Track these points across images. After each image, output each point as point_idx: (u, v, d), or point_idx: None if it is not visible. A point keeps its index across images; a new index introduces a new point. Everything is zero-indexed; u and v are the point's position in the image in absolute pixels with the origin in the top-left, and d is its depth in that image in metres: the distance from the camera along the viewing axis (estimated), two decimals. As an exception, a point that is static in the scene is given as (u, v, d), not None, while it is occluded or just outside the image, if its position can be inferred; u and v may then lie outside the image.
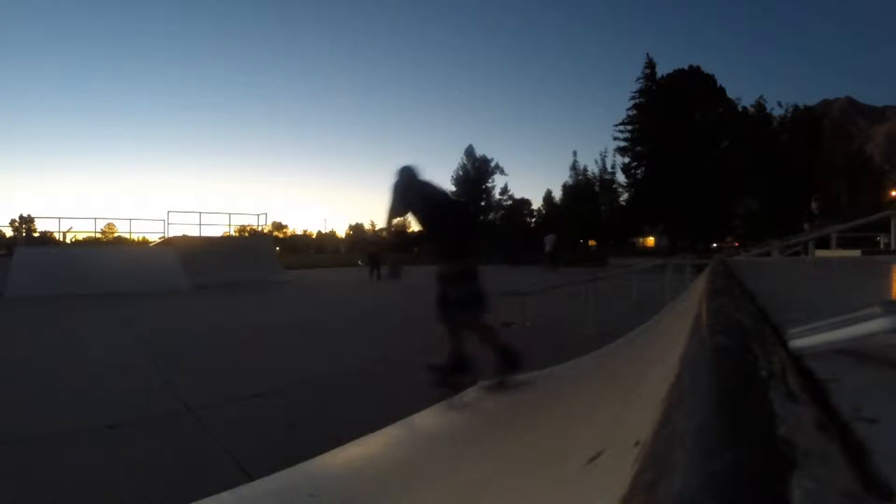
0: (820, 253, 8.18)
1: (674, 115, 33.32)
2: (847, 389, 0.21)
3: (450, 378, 2.62)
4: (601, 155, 41.49)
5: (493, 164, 45.83)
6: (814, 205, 34.42)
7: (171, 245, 14.56)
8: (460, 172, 47.60)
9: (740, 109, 34.51)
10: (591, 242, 39.94)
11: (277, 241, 44.61)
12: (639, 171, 37.62)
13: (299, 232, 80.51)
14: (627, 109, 38.65)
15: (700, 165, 31.45)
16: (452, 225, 3.02)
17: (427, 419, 1.15)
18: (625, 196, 39.03)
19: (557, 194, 44.41)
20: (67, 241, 16.17)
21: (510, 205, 47.11)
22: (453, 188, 47.91)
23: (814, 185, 33.41)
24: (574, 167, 42.06)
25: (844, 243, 9.15)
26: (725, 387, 0.23)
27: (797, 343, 0.27)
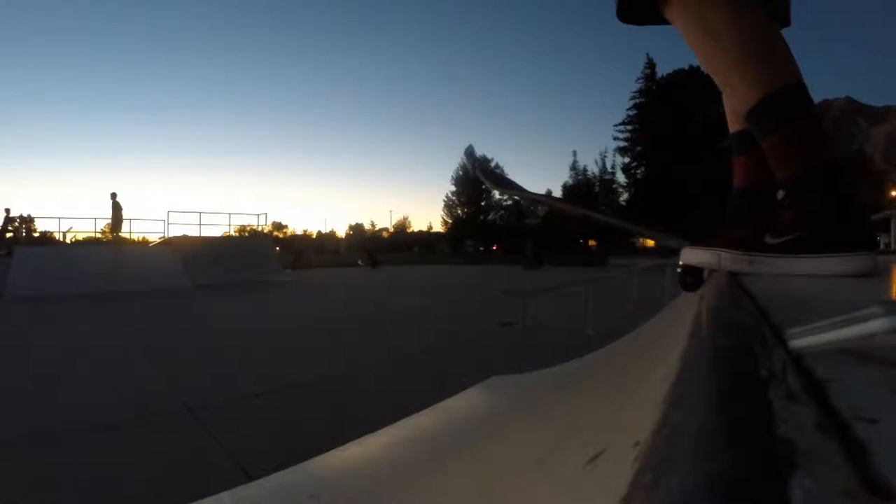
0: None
1: (674, 115, 33.35)
2: (847, 389, 0.21)
3: None
4: (601, 155, 41.60)
5: (493, 164, 45.86)
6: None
7: (171, 245, 14.56)
8: (460, 172, 47.65)
9: (740, 109, 34.48)
10: (592, 242, 39.99)
11: (277, 240, 44.61)
12: (639, 171, 37.66)
13: (299, 232, 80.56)
14: (627, 109, 38.76)
15: (700, 165, 31.48)
16: None
17: (427, 419, 1.15)
18: (625, 196, 39.09)
19: (557, 194, 44.49)
20: (67, 241, 16.18)
21: (510, 205, 47.13)
22: (453, 188, 48.05)
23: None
24: (574, 167, 42.18)
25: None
26: (725, 387, 0.23)
27: (797, 343, 0.27)
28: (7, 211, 15.01)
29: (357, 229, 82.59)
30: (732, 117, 1.09)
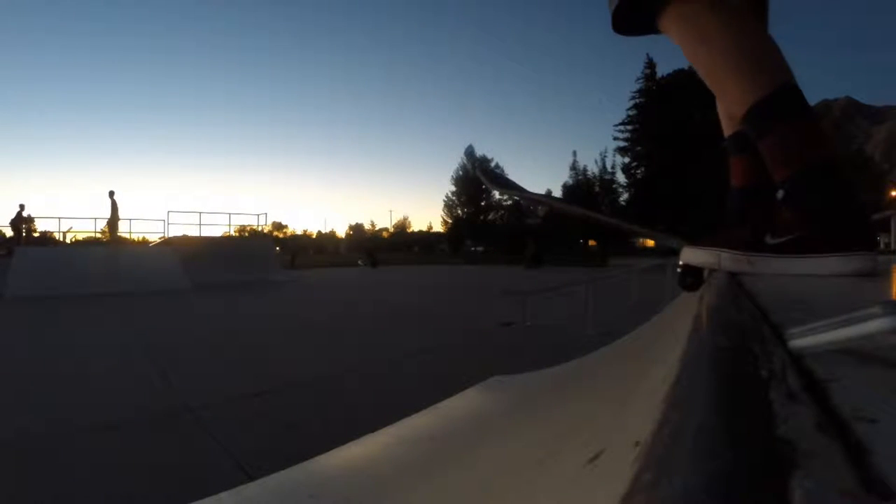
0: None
1: (674, 115, 33.35)
2: (847, 389, 0.21)
3: None
4: (601, 155, 41.58)
5: (493, 164, 45.81)
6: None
7: (171, 245, 14.56)
8: (460, 172, 47.66)
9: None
10: (592, 242, 39.98)
11: (277, 240, 44.62)
12: (639, 171, 37.67)
13: (299, 232, 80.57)
14: (627, 109, 38.75)
15: (700, 165, 31.46)
16: None
17: (427, 419, 1.15)
18: (625, 196, 39.11)
19: (557, 194, 44.47)
20: (67, 241, 16.17)
21: (510, 205, 47.13)
22: (453, 188, 48.06)
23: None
24: (574, 167, 42.18)
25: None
26: (725, 387, 0.23)
27: (797, 343, 0.27)
28: (21, 207, 14.99)
29: (357, 229, 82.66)
30: (726, 121, 1.10)
